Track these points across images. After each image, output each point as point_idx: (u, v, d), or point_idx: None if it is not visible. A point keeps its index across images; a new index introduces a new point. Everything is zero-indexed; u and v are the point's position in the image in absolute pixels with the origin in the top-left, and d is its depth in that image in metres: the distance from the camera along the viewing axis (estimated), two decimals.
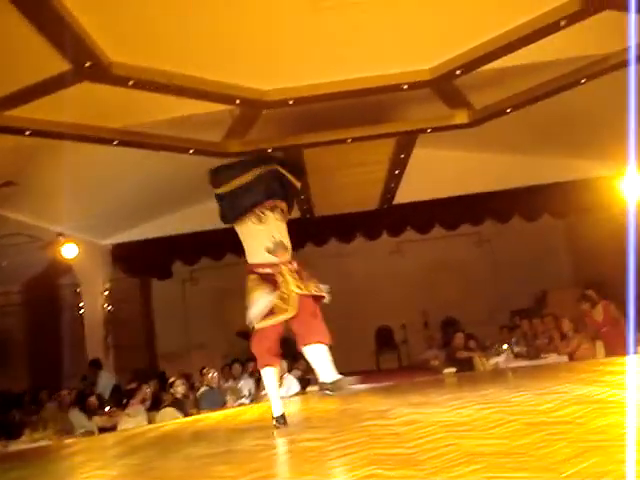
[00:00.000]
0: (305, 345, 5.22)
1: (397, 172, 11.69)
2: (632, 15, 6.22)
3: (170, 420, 8.26)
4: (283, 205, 5.62)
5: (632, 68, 7.16)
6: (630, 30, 6.58)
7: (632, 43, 7.04)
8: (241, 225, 5.51)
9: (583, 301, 9.66)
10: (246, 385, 10.24)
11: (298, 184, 5.89)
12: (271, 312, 5.19)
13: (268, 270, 5.32)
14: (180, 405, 8.96)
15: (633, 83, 6.59)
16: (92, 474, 4.36)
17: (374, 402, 6.37)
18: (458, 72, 7.70)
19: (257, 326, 5.25)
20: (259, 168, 5.51)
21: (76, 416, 9.17)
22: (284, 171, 5.63)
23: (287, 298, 5.20)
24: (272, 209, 5.49)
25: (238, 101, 7.87)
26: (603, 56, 7.76)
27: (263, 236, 5.41)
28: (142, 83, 6.99)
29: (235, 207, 5.47)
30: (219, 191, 5.53)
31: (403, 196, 12.79)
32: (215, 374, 9.98)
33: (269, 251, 5.35)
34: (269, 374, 5.40)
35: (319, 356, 5.18)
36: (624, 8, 6.16)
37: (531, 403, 4.37)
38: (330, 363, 5.17)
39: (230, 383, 10.61)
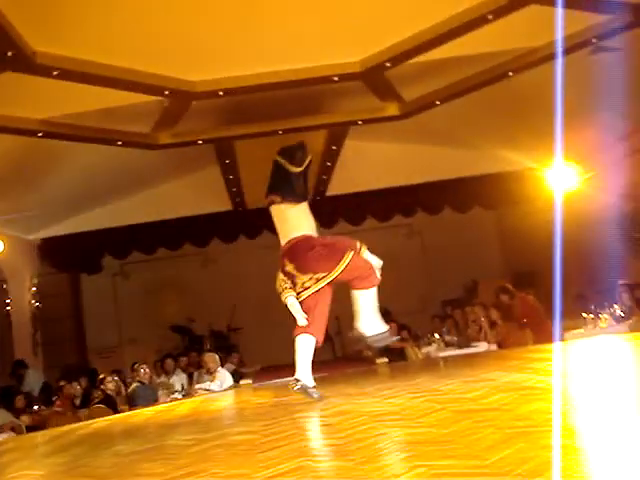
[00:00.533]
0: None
1: (329, 164, 11.73)
2: (559, 10, 6.36)
3: (101, 417, 8.10)
4: None
5: (559, 61, 7.32)
6: (558, 24, 6.73)
7: (559, 37, 7.19)
8: (302, 204, 5.67)
9: (501, 294, 9.81)
10: (178, 380, 10.14)
11: None
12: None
13: None
14: (111, 402, 8.80)
15: (560, 76, 6.74)
16: (19, 474, 4.23)
17: None
18: (388, 64, 7.76)
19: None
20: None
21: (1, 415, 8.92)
22: None
23: None
24: None
25: (167, 92, 7.77)
26: (530, 49, 7.90)
27: (310, 215, 5.69)
28: (67, 73, 6.83)
29: (305, 186, 5.76)
30: (297, 170, 5.62)
31: (335, 188, 12.83)
32: (147, 369, 9.84)
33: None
34: None
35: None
36: (549, 2, 6.29)
37: (460, 391, 4.44)
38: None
39: (162, 378, 10.48)
